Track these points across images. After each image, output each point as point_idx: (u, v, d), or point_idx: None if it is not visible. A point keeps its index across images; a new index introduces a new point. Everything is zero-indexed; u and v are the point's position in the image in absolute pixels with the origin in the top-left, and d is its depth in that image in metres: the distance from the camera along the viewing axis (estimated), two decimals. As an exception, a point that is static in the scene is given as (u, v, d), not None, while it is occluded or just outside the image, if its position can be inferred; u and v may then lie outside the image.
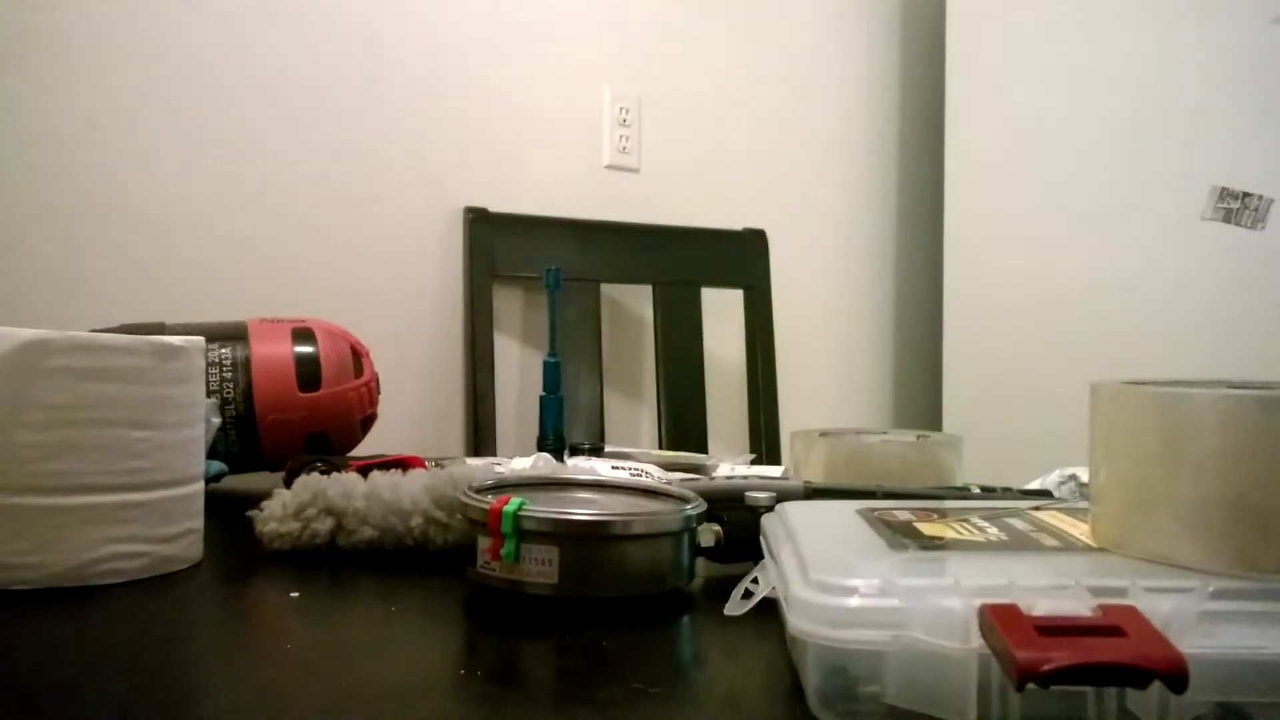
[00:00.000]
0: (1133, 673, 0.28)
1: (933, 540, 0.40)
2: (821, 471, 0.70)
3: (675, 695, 0.38)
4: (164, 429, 0.53)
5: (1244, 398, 0.36)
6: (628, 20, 1.70)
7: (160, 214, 1.22)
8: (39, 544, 0.49)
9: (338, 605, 0.51)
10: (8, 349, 0.48)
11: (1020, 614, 0.30)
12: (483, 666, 0.41)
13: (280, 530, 0.58)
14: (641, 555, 0.49)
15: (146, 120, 1.21)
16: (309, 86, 1.35)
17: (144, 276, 1.21)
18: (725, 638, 0.44)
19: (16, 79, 1.11)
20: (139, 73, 1.20)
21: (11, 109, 1.11)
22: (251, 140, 1.30)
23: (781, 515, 0.46)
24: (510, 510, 0.47)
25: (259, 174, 1.31)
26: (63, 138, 1.15)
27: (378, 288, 1.43)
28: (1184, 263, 1.67)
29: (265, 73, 1.31)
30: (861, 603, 0.33)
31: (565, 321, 1.57)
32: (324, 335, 0.84)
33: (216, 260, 1.27)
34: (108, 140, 1.18)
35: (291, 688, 0.38)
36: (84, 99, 1.16)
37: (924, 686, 0.32)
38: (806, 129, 1.94)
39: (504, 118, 1.54)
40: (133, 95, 1.20)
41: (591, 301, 1.60)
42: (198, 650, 0.43)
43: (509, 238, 1.55)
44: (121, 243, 1.19)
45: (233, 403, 0.79)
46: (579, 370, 1.57)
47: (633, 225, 1.66)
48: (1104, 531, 0.40)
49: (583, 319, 1.59)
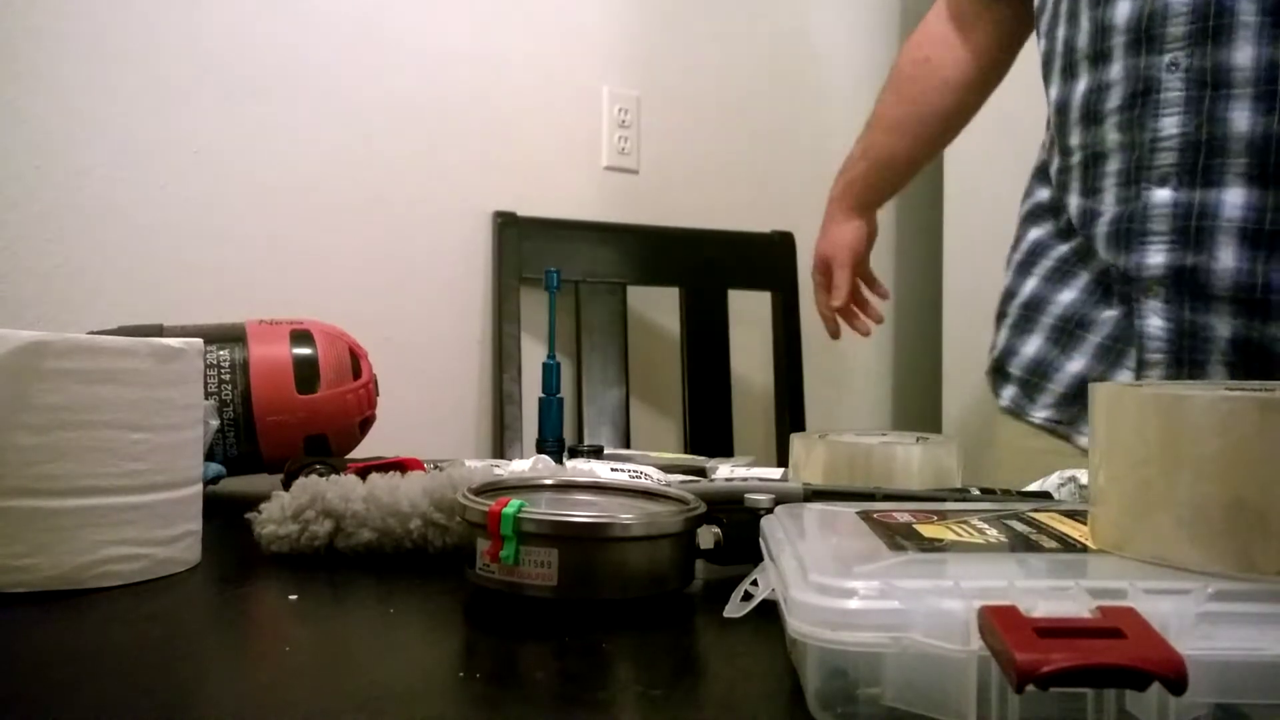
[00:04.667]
0: (1132, 674, 0.28)
1: (932, 542, 0.40)
2: (820, 473, 0.70)
3: (675, 697, 0.38)
4: (162, 431, 0.53)
5: (1243, 399, 0.36)
6: (628, 19, 1.70)
7: (160, 215, 1.22)
8: (36, 546, 0.49)
9: (336, 608, 0.51)
10: (5, 351, 0.48)
11: (1020, 616, 0.30)
12: (482, 669, 0.41)
13: (279, 533, 0.58)
14: (641, 557, 0.49)
15: (147, 120, 1.21)
16: (317, 90, 1.35)
17: (141, 278, 1.21)
18: (725, 640, 0.44)
19: (16, 79, 1.11)
20: (141, 73, 1.20)
21: (11, 109, 1.11)
22: (263, 144, 1.30)
23: (781, 517, 0.46)
24: (509, 512, 0.47)
25: (273, 179, 1.31)
26: (64, 138, 1.15)
27: (404, 291, 1.44)
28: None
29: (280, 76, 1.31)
30: (861, 605, 0.33)
31: (590, 324, 1.58)
32: (322, 337, 0.84)
33: (218, 263, 1.27)
34: (108, 140, 1.18)
35: (290, 690, 0.38)
36: (84, 99, 1.16)
37: (924, 688, 0.32)
38: (808, 128, 1.94)
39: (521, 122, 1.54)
40: (135, 95, 1.20)
41: (618, 304, 1.60)
42: (196, 653, 0.43)
43: (536, 241, 1.56)
44: (120, 244, 1.19)
45: (231, 405, 0.79)
46: (605, 373, 1.58)
47: (660, 228, 1.67)
48: (1103, 533, 0.40)
49: (609, 322, 1.60)
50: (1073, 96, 0.96)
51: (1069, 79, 0.97)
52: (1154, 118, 0.89)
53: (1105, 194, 0.94)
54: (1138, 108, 0.90)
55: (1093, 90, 0.94)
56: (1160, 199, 0.89)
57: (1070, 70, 0.97)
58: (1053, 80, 1.00)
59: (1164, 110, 0.89)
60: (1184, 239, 0.88)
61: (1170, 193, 0.89)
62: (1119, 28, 0.91)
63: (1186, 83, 0.87)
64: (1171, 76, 0.88)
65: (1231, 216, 0.86)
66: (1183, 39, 0.87)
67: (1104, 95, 0.93)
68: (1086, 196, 0.97)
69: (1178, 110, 0.88)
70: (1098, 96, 0.94)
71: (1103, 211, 0.94)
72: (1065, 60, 0.97)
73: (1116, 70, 0.92)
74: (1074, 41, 0.96)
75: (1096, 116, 0.94)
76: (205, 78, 1.25)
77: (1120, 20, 0.91)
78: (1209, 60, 0.86)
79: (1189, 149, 0.87)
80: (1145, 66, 0.89)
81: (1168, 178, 0.88)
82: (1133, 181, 0.91)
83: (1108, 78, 0.93)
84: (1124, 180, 0.92)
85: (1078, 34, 0.95)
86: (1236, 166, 0.86)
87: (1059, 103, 0.99)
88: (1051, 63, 1.00)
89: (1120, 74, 0.91)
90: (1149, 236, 0.90)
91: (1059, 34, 0.98)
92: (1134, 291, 0.92)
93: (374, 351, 0.89)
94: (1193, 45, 0.86)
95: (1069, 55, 0.97)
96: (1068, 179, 0.99)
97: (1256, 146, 0.85)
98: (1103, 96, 0.93)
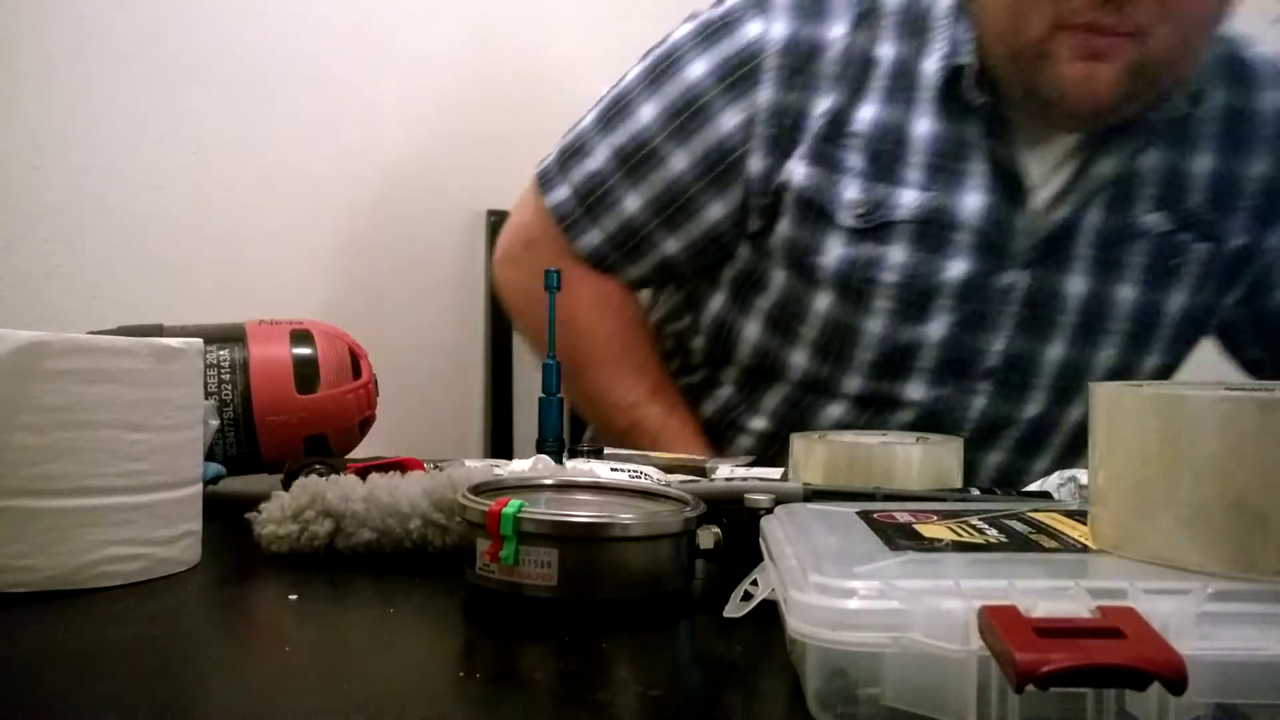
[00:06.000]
0: (1132, 674, 0.28)
1: (932, 542, 0.40)
2: (821, 473, 0.70)
3: (675, 698, 0.38)
4: (162, 431, 0.53)
5: (1243, 399, 0.36)
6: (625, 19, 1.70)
7: (161, 215, 1.22)
8: (36, 547, 0.49)
9: (336, 608, 0.51)
10: (5, 351, 0.48)
11: (1020, 616, 0.30)
12: (482, 669, 0.41)
13: (278, 533, 0.58)
14: (641, 557, 0.49)
15: (146, 120, 1.21)
16: (316, 90, 1.35)
17: (141, 278, 1.21)
18: (724, 640, 0.44)
19: (16, 79, 1.11)
20: (140, 73, 1.20)
21: (11, 109, 1.11)
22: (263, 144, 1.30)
23: (781, 517, 0.46)
24: (509, 512, 0.47)
25: (273, 179, 1.31)
26: (63, 138, 1.15)
27: (404, 291, 1.44)
28: (1183, 264, 1.67)
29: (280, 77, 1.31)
30: (861, 605, 0.33)
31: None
32: (322, 337, 0.84)
33: (218, 263, 1.27)
34: (107, 140, 1.18)
35: (290, 690, 0.38)
36: (84, 99, 1.16)
37: (923, 688, 0.32)
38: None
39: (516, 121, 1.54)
40: (134, 95, 1.20)
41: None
42: (196, 653, 0.43)
43: None
44: (120, 244, 1.19)
45: (231, 405, 0.79)
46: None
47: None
48: (1103, 533, 0.40)
49: None
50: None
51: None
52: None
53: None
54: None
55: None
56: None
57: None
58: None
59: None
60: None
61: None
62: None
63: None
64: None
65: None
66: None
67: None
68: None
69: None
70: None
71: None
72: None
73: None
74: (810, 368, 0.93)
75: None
76: (205, 78, 1.25)
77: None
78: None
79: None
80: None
81: None
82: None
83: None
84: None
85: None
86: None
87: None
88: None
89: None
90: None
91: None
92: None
93: (374, 351, 0.88)
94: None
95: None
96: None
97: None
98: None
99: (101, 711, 0.35)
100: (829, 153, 0.86)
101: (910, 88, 0.87)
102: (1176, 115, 0.86)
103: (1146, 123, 0.86)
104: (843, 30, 0.87)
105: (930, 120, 0.86)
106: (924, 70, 0.87)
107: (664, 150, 0.91)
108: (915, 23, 0.88)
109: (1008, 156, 0.86)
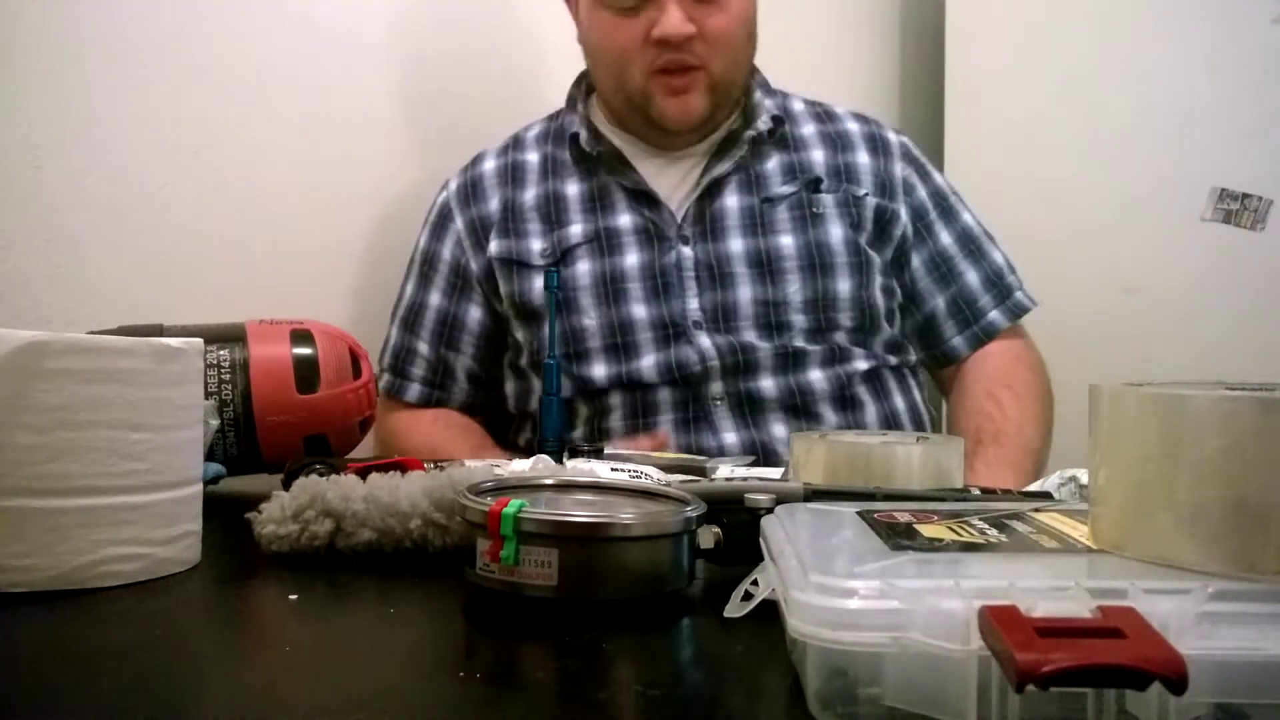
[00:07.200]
0: (1132, 674, 0.28)
1: (932, 542, 0.40)
2: (821, 473, 0.70)
3: (675, 697, 0.38)
4: (162, 431, 0.53)
5: (1243, 399, 0.36)
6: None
7: (161, 215, 1.22)
8: (37, 546, 0.49)
9: (336, 608, 0.51)
10: (6, 351, 0.48)
11: (1020, 615, 0.30)
12: (482, 669, 0.41)
13: (279, 532, 0.58)
14: (641, 557, 0.49)
15: (146, 120, 1.21)
16: (316, 90, 1.35)
17: (141, 278, 1.21)
18: (725, 640, 0.44)
19: (17, 79, 1.11)
20: (140, 73, 1.20)
21: (11, 109, 1.11)
22: (262, 144, 1.30)
23: (781, 517, 0.46)
24: (510, 512, 0.47)
25: (273, 179, 1.31)
26: (63, 138, 1.15)
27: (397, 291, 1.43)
28: (1184, 264, 1.67)
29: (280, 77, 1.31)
30: (861, 604, 0.33)
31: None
32: (322, 337, 0.84)
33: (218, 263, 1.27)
34: (108, 140, 1.18)
35: (290, 690, 0.38)
36: (84, 99, 1.16)
37: (924, 688, 0.32)
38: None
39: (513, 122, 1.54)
40: (134, 96, 1.20)
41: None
42: (196, 653, 0.43)
43: None
44: (120, 244, 1.19)
45: (231, 405, 0.79)
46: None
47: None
48: (1104, 533, 0.40)
49: None
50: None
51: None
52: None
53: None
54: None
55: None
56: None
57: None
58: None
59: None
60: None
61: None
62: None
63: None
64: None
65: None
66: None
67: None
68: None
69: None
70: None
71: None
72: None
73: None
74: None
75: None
76: (205, 78, 1.25)
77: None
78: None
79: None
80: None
81: None
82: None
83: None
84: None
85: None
86: None
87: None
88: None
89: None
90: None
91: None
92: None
93: (373, 352, 0.89)
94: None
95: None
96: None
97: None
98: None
99: (101, 711, 0.35)
100: (511, 225, 1.22)
101: (559, 167, 1.24)
102: (760, 134, 1.21)
103: (740, 139, 1.21)
104: (493, 163, 1.28)
105: (577, 182, 1.22)
106: (560, 152, 1.25)
107: (422, 298, 1.27)
108: (555, 130, 1.28)
109: (635, 179, 1.20)
